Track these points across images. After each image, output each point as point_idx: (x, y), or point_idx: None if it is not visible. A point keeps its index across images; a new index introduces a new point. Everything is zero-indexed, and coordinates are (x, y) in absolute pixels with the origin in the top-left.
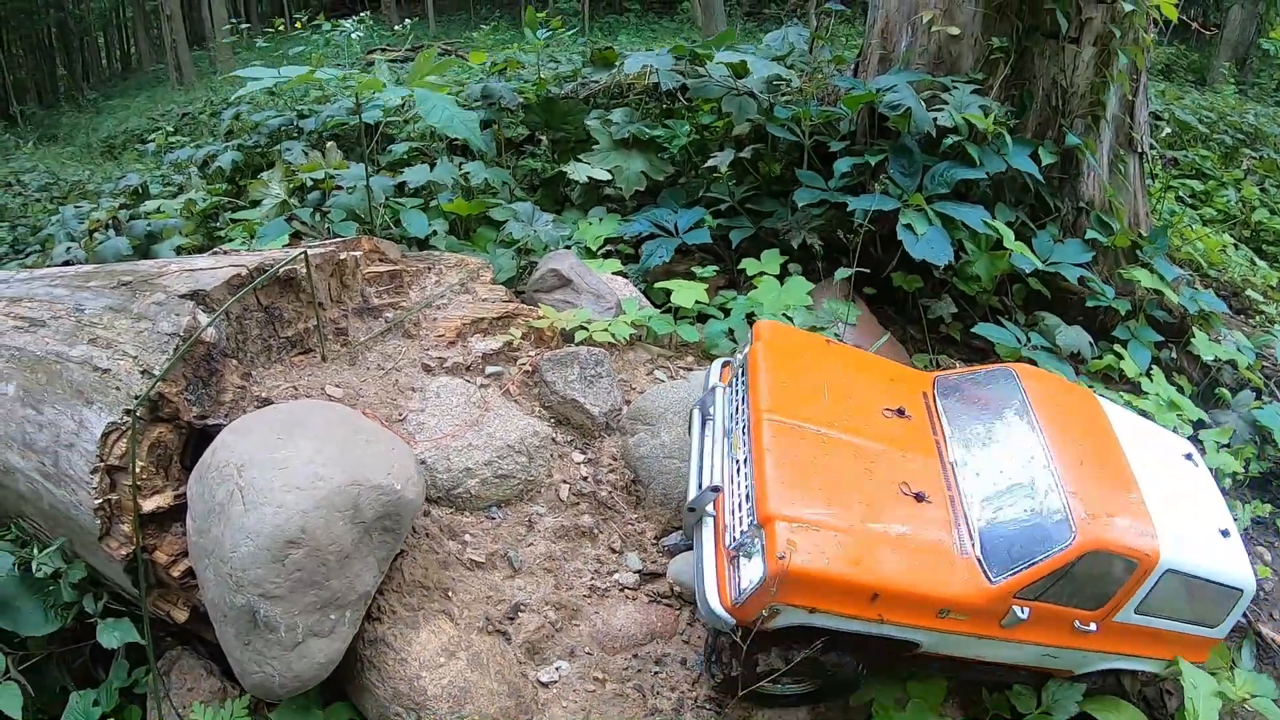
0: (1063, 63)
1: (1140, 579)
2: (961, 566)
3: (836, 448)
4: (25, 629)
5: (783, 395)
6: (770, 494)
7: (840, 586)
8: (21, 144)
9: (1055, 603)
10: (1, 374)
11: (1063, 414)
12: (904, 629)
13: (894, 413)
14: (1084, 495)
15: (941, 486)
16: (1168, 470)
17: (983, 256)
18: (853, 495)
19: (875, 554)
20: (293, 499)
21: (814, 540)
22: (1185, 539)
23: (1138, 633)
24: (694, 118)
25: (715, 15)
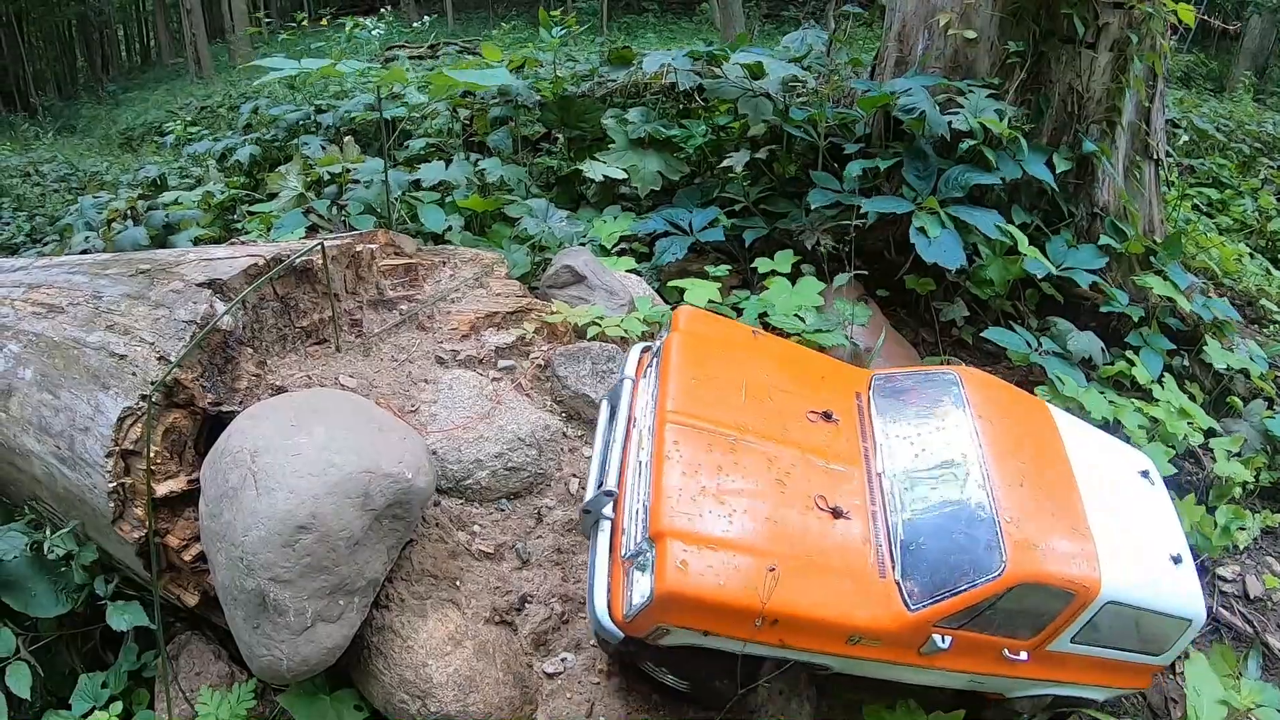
0: (1079, 68)
1: (1077, 610)
2: (878, 591)
3: (748, 455)
4: (36, 610)
5: (693, 394)
6: (664, 507)
7: (736, 612)
8: (41, 135)
9: (982, 632)
10: (19, 358)
11: (1007, 426)
12: (810, 654)
13: (819, 416)
14: (1020, 521)
15: (864, 501)
16: (1120, 490)
17: (996, 261)
18: (760, 510)
19: (777, 576)
20: (305, 484)
21: (709, 561)
22: (1131, 568)
23: (1073, 661)
24: (710, 118)
25: (733, 17)
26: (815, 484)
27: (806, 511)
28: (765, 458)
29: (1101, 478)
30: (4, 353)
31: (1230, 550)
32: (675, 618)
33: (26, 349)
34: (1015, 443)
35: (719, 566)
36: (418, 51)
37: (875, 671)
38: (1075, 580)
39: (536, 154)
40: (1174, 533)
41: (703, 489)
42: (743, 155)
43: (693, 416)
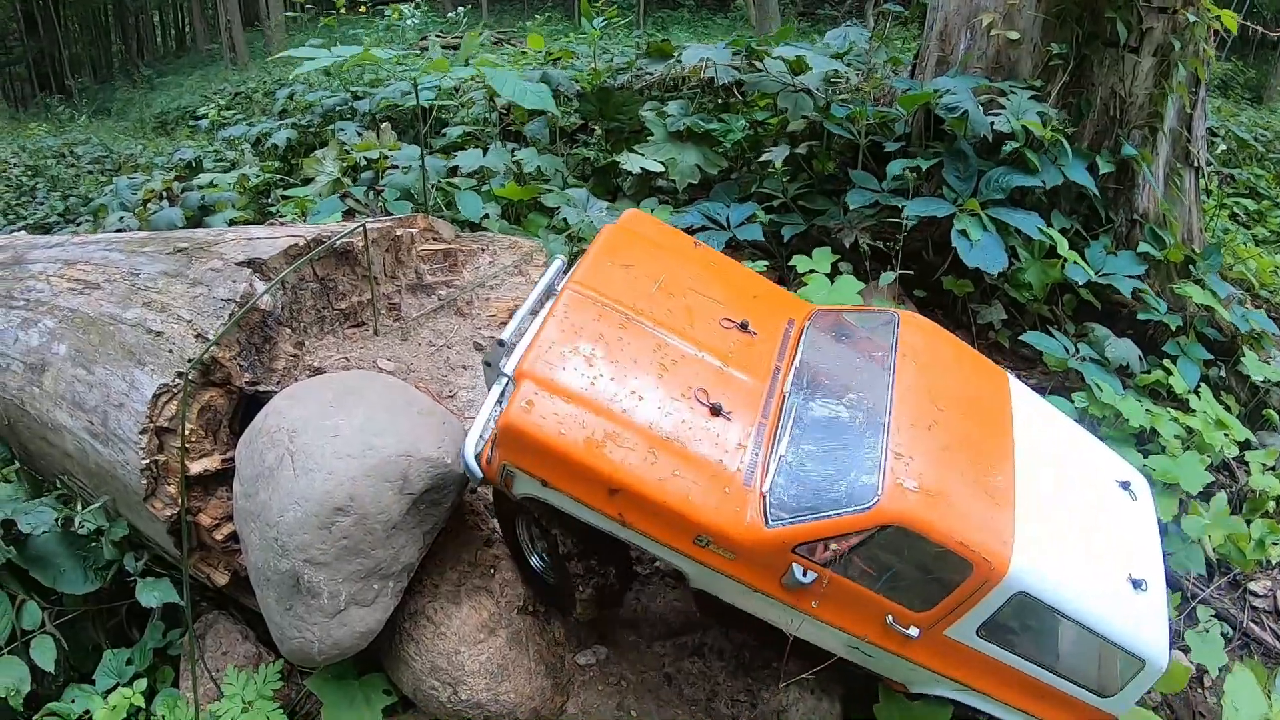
0: (1122, 72)
1: (978, 589)
2: (737, 496)
3: (636, 335)
4: (64, 586)
5: (602, 273)
6: (531, 354)
7: (572, 465)
8: (76, 117)
9: (856, 581)
10: (54, 333)
11: (935, 373)
12: (655, 545)
13: (734, 325)
14: (913, 461)
15: (755, 411)
16: (1078, 487)
17: (1035, 264)
18: (629, 383)
19: (625, 445)
20: (343, 466)
21: (556, 409)
22: (1063, 565)
23: (982, 663)
24: (749, 113)
25: (769, 13)
26: (701, 379)
27: (680, 399)
28: (655, 342)
29: (1054, 466)
30: (39, 328)
31: (1263, 565)
32: (515, 456)
33: (62, 324)
34: (938, 390)
35: (565, 417)
36: (452, 41)
37: (739, 598)
38: (972, 547)
39: (573, 145)
40: (1144, 555)
41: (575, 349)
42: (782, 150)
43: (591, 289)
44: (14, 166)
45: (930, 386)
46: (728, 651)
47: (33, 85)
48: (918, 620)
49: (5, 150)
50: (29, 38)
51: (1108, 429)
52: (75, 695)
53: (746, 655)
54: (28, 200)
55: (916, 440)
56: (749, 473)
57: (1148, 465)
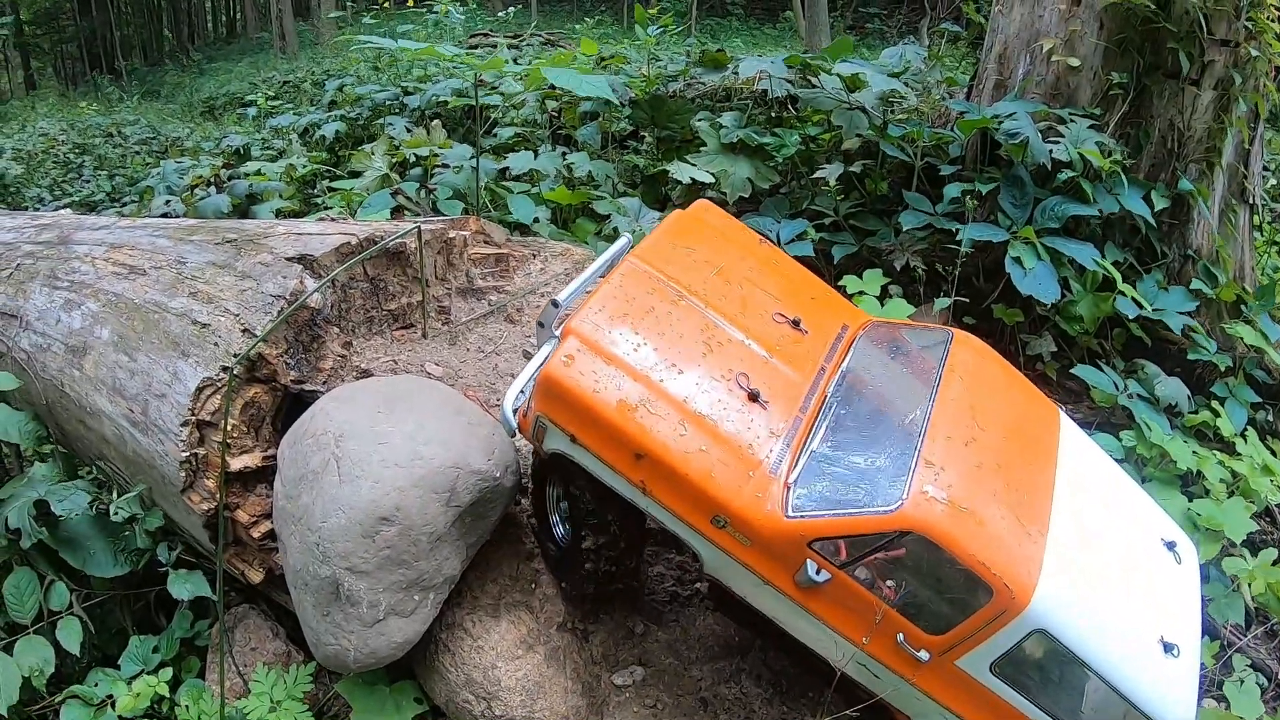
0: (1181, 104)
1: (997, 618)
2: (761, 481)
3: (687, 313)
4: (94, 569)
5: (664, 251)
6: (582, 313)
7: (602, 424)
8: (126, 97)
9: (870, 588)
10: (98, 317)
11: (982, 394)
12: (673, 519)
13: (787, 320)
14: (944, 472)
15: (793, 405)
16: (1120, 538)
17: (1087, 297)
18: (671, 355)
19: (657, 413)
20: (390, 475)
21: (596, 367)
22: (1092, 611)
23: (997, 708)
24: (802, 127)
25: (819, 25)
26: (744, 365)
27: (720, 381)
28: (704, 323)
29: (1097, 510)
30: (82, 310)
31: None
32: (549, 408)
33: (105, 308)
34: (981, 409)
35: (602, 376)
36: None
37: (750, 591)
38: (994, 570)
39: (624, 151)
40: (1181, 621)
41: (626, 315)
42: (836, 168)
43: (650, 264)
44: (62, 144)
45: (974, 405)
46: (766, 678)
47: (84, 64)
48: (929, 644)
49: (54, 127)
50: (81, 18)
51: (1153, 469)
52: (99, 679)
53: (784, 683)
54: (74, 178)
55: (951, 453)
56: (777, 462)
57: (1192, 509)
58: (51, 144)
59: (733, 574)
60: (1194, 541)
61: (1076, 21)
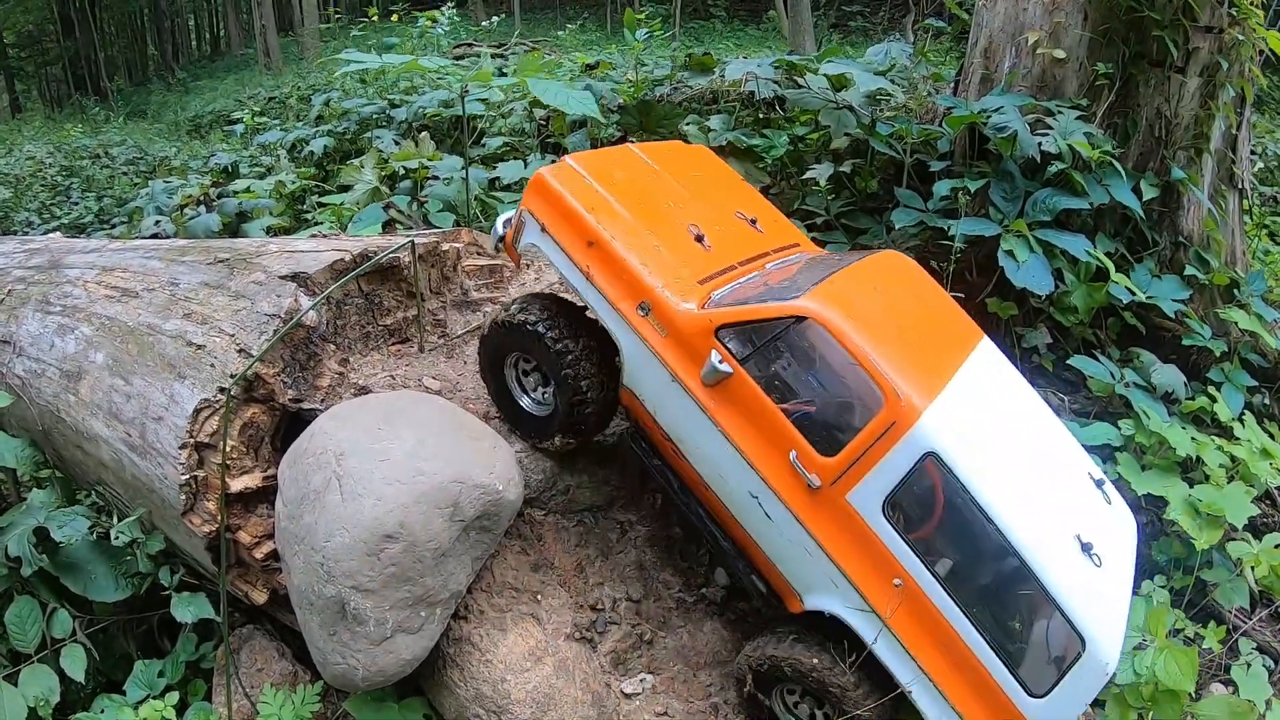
0: (1168, 92)
1: (887, 430)
2: (687, 286)
3: (659, 181)
4: (95, 594)
5: (661, 150)
6: (575, 157)
7: (566, 215)
8: (111, 118)
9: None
10: (91, 342)
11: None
12: (607, 308)
13: (746, 218)
14: (846, 295)
15: (733, 258)
16: (1036, 448)
17: (1081, 287)
18: (642, 201)
19: (614, 222)
20: (393, 492)
21: (575, 180)
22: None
23: (890, 570)
24: (790, 128)
25: (802, 25)
26: (699, 223)
27: (675, 223)
28: (673, 191)
29: (1007, 416)
30: (75, 335)
31: None
32: (531, 201)
33: (99, 332)
34: (890, 293)
35: (577, 185)
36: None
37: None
38: (883, 373)
39: None
40: (1110, 549)
41: (612, 165)
42: (826, 168)
43: (644, 151)
44: (49, 166)
45: (878, 280)
46: None
47: (69, 86)
48: (821, 467)
49: (41, 150)
50: (65, 39)
51: (1153, 457)
52: (105, 705)
53: None
54: (62, 200)
55: (853, 292)
56: (705, 279)
57: (1193, 495)
58: (38, 167)
59: (647, 376)
60: (1197, 526)
61: (1061, 13)
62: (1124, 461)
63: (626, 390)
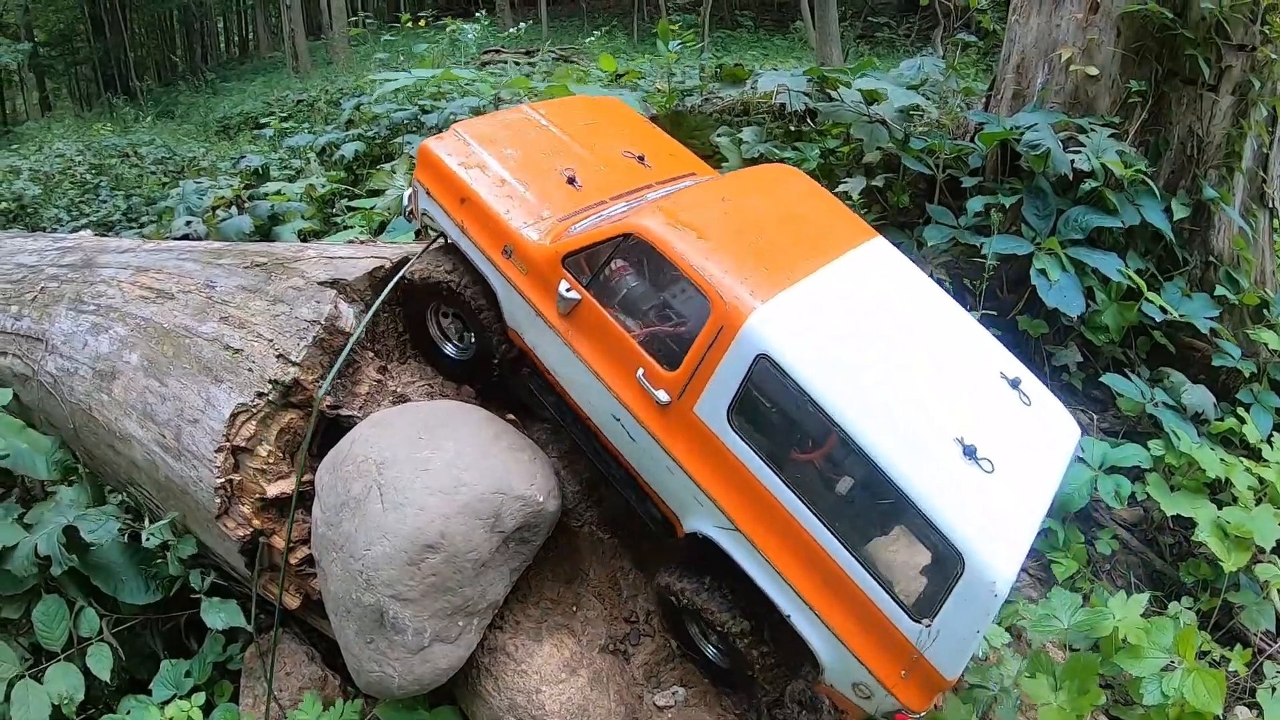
0: (1200, 110)
1: (716, 336)
2: (548, 226)
3: (547, 136)
4: (125, 596)
5: (555, 106)
6: (462, 124)
7: (443, 177)
8: (141, 118)
9: (608, 306)
10: (126, 341)
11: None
12: (480, 256)
13: (633, 156)
14: (678, 209)
15: (607, 193)
16: (925, 346)
17: (1112, 306)
18: (518, 155)
19: (484, 177)
20: (435, 502)
21: (453, 145)
22: (831, 356)
23: (748, 488)
24: (821, 141)
25: (830, 36)
26: (574, 167)
27: (548, 170)
28: (555, 141)
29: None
30: (110, 334)
31: None
32: (419, 171)
33: (134, 333)
34: (755, 198)
35: (454, 150)
36: (514, 56)
37: (530, 330)
38: (707, 279)
39: None
40: (1011, 451)
41: (490, 132)
42: (859, 182)
43: (538, 110)
44: (79, 164)
45: (735, 191)
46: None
47: (98, 86)
48: (666, 381)
49: (71, 148)
50: (95, 39)
51: (1181, 478)
52: (131, 705)
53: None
54: (91, 198)
55: (693, 204)
56: (568, 216)
57: (1221, 517)
58: (68, 165)
59: (518, 314)
60: (1225, 548)
61: (1094, 30)
62: (1154, 482)
63: (512, 332)
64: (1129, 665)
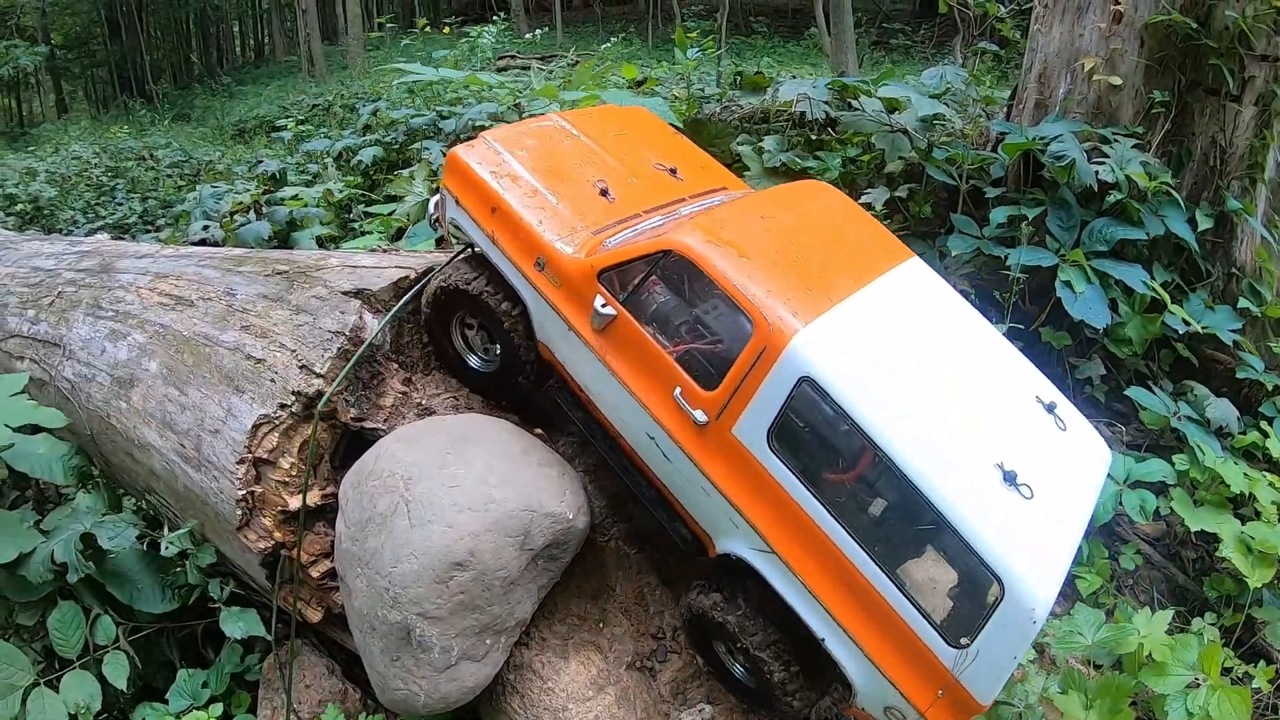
0: (1223, 121)
1: (759, 356)
2: (582, 239)
3: (578, 146)
4: (141, 604)
5: (585, 117)
6: (491, 132)
7: (473, 185)
8: (157, 121)
9: (646, 325)
10: (145, 349)
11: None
12: (511, 267)
13: (664, 168)
14: (716, 223)
15: (638, 209)
16: (958, 370)
17: (1135, 318)
18: (549, 165)
19: (516, 186)
20: (464, 520)
21: (484, 154)
22: (876, 377)
23: (788, 512)
24: (842, 150)
25: (845, 43)
26: (608, 179)
27: (580, 181)
28: (586, 152)
29: (925, 338)
30: (128, 341)
31: None
32: (447, 178)
33: (153, 340)
34: (787, 218)
35: (484, 157)
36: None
37: (561, 345)
38: (750, 298)
39: None
40: (1049, 478)
41: (520, 139)
42: (882, 192)
43: (566, 119)
44: (95, 166)
45: (774, 208)
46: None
47: (114, 88)
48: (705, 401)
49: (87, 150)
50: (112, 42)
51: (1205, 493)
52: (146, 714)
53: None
54: (107, 200)
55: (732, 221)
56: (601, 230)
57: (1245, 532)
58: (84, 167)
59: (550, 328)
60: (1249, 563)
61: (1117, 40)
62: (1178, 497)
63: (542, 345)
64: (1153, 682)
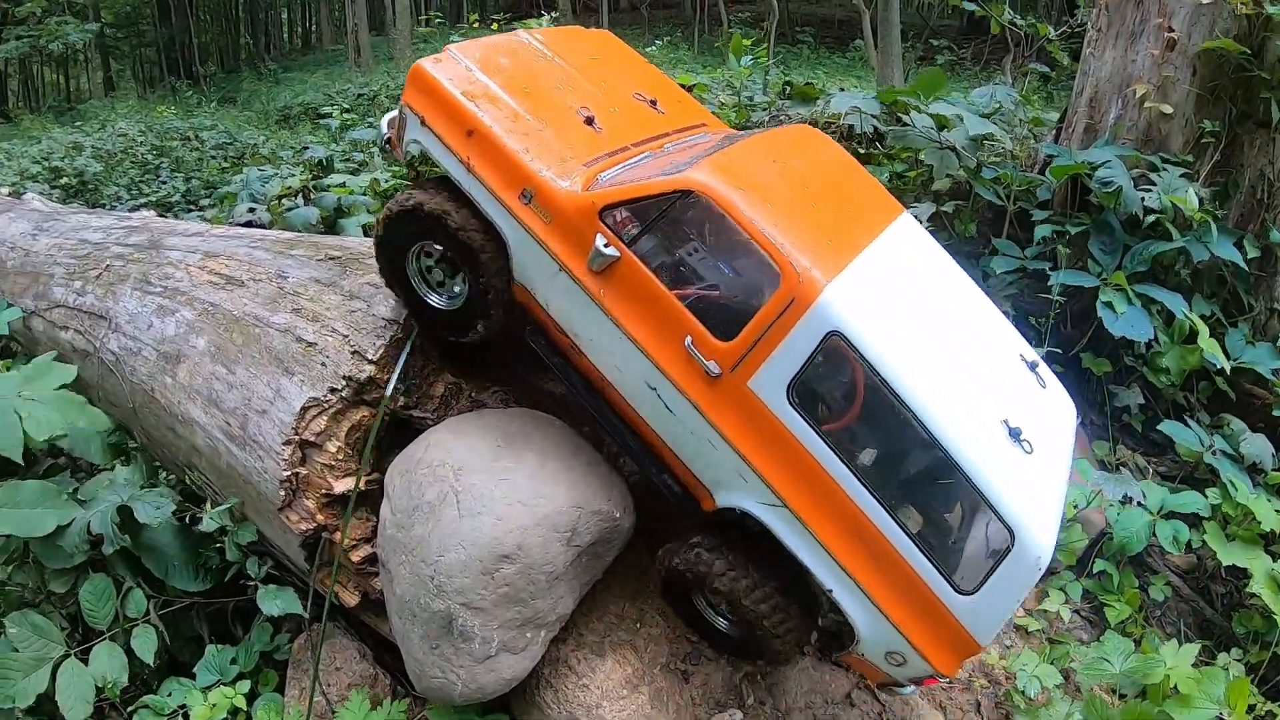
0: (1272, 154)
1: (786, 308)
2: (572, 169)
3: (555, 68)
4: (175, 581)
5: (556, 36)
6: (458, 45)
7: (445, 105)
8: (203, 103)
9: (654, 272)
10: (193, 326)
11: (798, 154)
12: (490, 199)
13: (645, 99)
14: (734, 165)
15: (627, 139)
16: (956, 325)
17: (1174, 348)
18: (527, 86)
19: (495, 108)
20: (514, 513)
21: (454, 69)
22: (902, 333)
23: (801, 465)
24: (890, 165)
25: (891, 57)
26: (590, 105)
27: (563, 107)
28: (564, 75)
29: (926, 295)
30: (176, 318)
31: None
32: (410, 95)
33: (201, 318)
34: (795, 163)
35: (456, 74)
36: None
37: (548, 287)
38: (778, 247)
39: None
40: (1041, 433)
41: (492, 57)
42: (929, 208)
43: (539, 38)
44: (140, 145)
45: (781, 151)
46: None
47: (162, 69)
48: (720, 353)
49: (133, 128)
50: (161, 23)
51: (1237, 528)
52: (173, 688)
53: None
54: (151, 178)
55: (746, 164)
56: (593, 162)
57: (1276, 569)
58: (130, 144)
59: (535, 267)
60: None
61: (1170, 67)
62: (1211, 531)
63: (519, 285)
64: (1178, 714)
